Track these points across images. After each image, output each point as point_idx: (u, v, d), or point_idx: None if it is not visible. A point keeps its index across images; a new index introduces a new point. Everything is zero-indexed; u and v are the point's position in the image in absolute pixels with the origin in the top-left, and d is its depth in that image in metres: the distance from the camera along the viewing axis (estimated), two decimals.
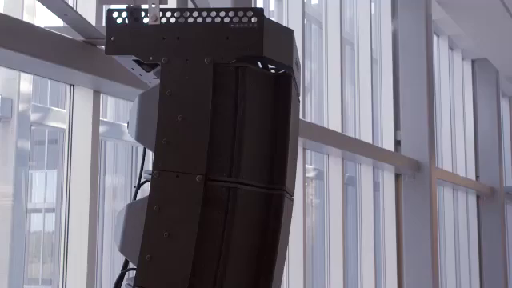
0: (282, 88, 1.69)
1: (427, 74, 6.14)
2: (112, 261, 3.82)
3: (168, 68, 1.63)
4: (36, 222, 5.10)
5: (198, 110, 1.59)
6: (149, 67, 1.75)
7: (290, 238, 1.88)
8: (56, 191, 4.28)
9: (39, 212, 5.10)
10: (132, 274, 1.63)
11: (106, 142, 3.85)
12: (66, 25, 2.33)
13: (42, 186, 5.14)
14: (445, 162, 7.47)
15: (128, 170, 4.03)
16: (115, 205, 3.97)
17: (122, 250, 1.63)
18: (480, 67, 8.52)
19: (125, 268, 1.71)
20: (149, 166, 1.70)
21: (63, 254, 2.78)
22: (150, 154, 1.74)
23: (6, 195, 3.56)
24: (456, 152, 7.90)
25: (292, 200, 1.82)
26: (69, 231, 2.79)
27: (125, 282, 1.70)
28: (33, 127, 3.14)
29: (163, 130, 1.60)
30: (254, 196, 1.62)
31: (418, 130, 6.04)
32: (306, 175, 4.68)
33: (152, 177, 1.59)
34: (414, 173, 5.98)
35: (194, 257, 1.54)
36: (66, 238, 2.78)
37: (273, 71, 1.74)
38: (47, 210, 4.99)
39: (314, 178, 6.10)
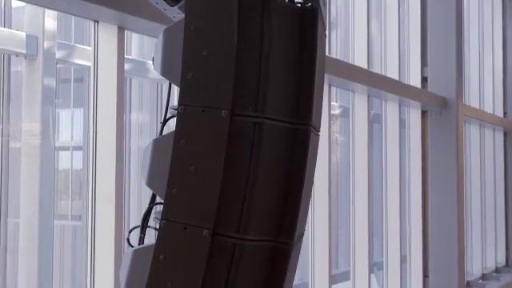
0: (308, 22, 1.65)
1: (456, 8, 6.00)
2: (139, 196, 3.87)
3: (192, 2, 1.60)
4: (64, 160, 5.18)
5: (223, 44, 1.57)
6: (173, 1, 1.73)
7: (315, 175, 1.88)
8: (83, 129, 4.32)
9: (67, 150, 5.17)
10: (159, 208, 1.65)
11: (131, 80, 3.85)
12: None
13: (69, 125, 5.19)
14: (472, 99, 7.38)
15: (153, 108, 4.04)
16: (141, 142, 4.00)
17: (149, 184, 1.64)
18: (511, 0, 8.31)
19: (152, 202, 1.73)
20: (174, 102, 1.69)
21: (91, 190, 2.82)
22: (175, 90, 1.73)
23: (33, 133, 3.60)
24: (484, 88, 7.79)
25: (318, 135, 1.81)
26: (96, 168, 2.82)
27: (152, 215, 1.72)
28: (58, 65, 3.14)
29: (188, 65, 1.58)
30: (280, 131, 1.61)
31: (445, 67, 5.95)
32: (332, 112, 4.66)
33: (178, 112, 1.59)
34: (440, 110, 5.92)
35: (220, 191, 1.55)
36: (94, 175, 2.82)
37: (299, 4, 1.71)
38: (75, 148, 5.05)
39: (340, 115, 6.07)
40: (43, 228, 3.58)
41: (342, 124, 6.16)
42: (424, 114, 6.02)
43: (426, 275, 5.79)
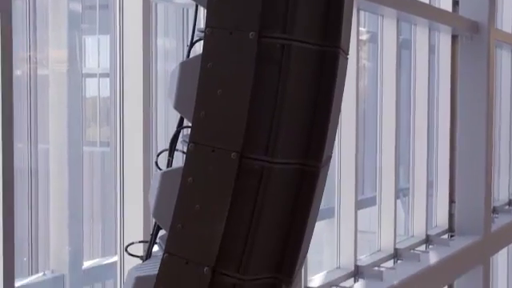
0: None
1: None
2: (166, 120, 3.89)
3: None
4: (91, 87, 5.19)
5: None
6: None
7: (342, 101, 1.85)
8: (109, 56, 4.30)
9: (94, 77, 5.18)
10: (187, 131, 1.65)
11: (156, 5, 3.81)
12: None
13: (95, 52, 5.18)
14: (504, 23, 7.20)
15: (179, 33, 4.01)
16: (167, 66, 3.99)
17: (177, 107, 1.64)
18: None
19: (180, 125, 1.73)
20: (201, 25, 1.67)
21: (119, 117, 2.84)
22: (201, 12, 1.70)
23: (60, 60, 3.61)
24: None
25: (347, 59, 1.78)
26: (123, 95, 2.83)
27: (180, 139, 1.73)
28: None
29: None
30: (309, 53, 1.58)
31: None
32: (359, 38, 4.59)
33: (205, 34, 1.56)
34: (471, 34, 5.79)
35: (247, 114, 1.54)
36: (121, 101, 2.83)
37: None
38: (101, 75, 5.06)
39: (367, 40, 5.97)
40: (72, 154, 3.64)
41: (370, 50, 6.07)
42: (454, 38, 5.90)
43: (452, 200, 5.81)
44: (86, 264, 3.74)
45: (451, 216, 5.82)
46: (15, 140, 2.21)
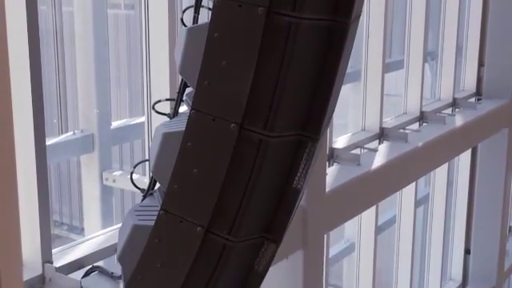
0: None
1: None
2: None
3: None
4: None
5: None
6: None
7: None
8: None
9: None
10: None
11: None
12: None
13: None
14: None
15: None
16: None
17: None
18: None
19: None
20: None
21: None
22: None
23: None
24: None
25: None
26: None
27: None
28: None
29: None
30: None
31: None
32: None
33: None
34: None
35: None
36: None
37: None
38: None
39: None
40: (97, 16, 3.60)
41: None
42: None
43: (481, 64, 5.72)
44: (115, 124, 3.81)
45: (479, 79, 5.74)
46: (38, 2, 2.18)
